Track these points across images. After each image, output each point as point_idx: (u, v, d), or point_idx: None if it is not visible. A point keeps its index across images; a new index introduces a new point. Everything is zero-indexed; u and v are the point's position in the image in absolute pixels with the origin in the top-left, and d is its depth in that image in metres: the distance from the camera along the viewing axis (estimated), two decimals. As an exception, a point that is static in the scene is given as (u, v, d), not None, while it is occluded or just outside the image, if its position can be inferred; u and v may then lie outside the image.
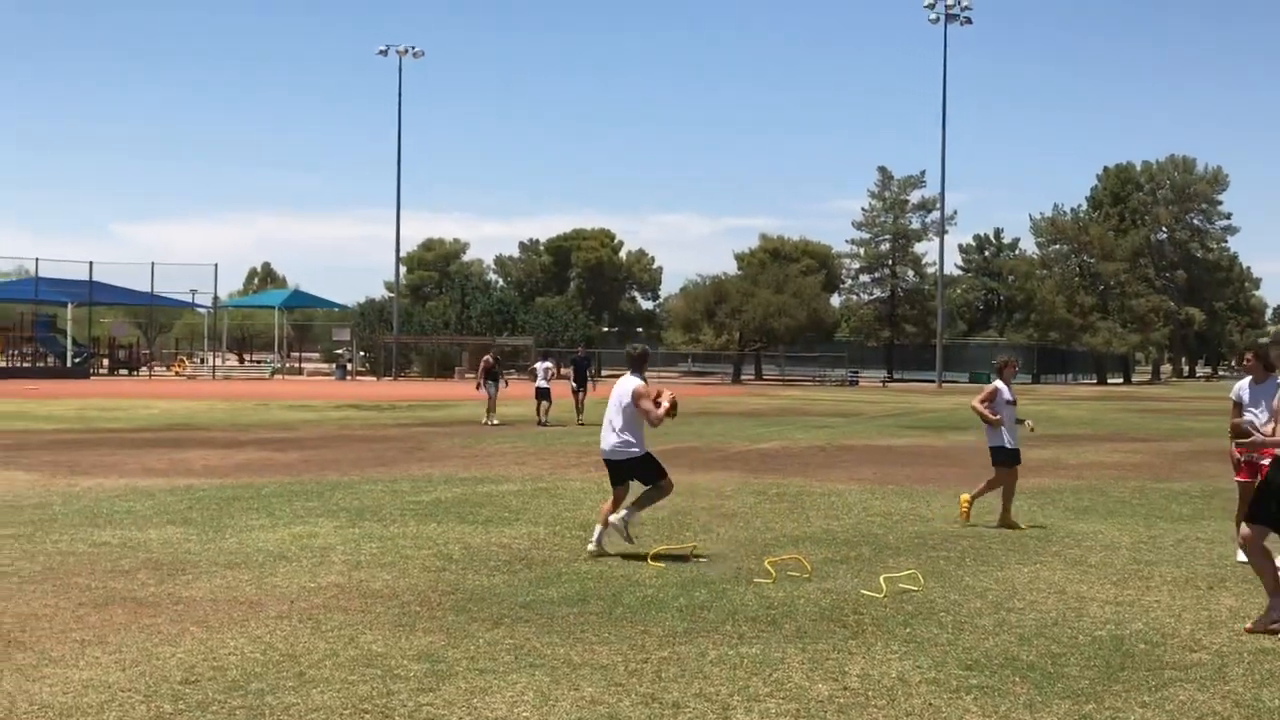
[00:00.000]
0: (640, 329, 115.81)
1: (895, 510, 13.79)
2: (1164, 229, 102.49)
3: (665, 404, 10.51)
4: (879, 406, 44.09)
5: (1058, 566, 10.25)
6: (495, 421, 28.74)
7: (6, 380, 55.14)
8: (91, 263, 68.58)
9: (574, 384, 30.91)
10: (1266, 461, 7.78)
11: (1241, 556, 9.69)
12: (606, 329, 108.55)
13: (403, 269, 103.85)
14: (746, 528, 12.22)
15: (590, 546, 10.46)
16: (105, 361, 73.20)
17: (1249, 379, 10.59)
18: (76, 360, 67.68)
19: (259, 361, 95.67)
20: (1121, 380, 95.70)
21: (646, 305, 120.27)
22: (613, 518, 10.49)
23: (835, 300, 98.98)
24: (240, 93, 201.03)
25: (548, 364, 30.84)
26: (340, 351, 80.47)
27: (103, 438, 23.40)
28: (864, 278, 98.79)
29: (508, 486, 15.37)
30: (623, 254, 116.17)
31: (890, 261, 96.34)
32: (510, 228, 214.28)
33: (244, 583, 9.06)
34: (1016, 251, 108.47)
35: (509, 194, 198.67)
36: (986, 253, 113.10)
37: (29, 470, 16.88)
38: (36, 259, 68.30)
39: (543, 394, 28.97)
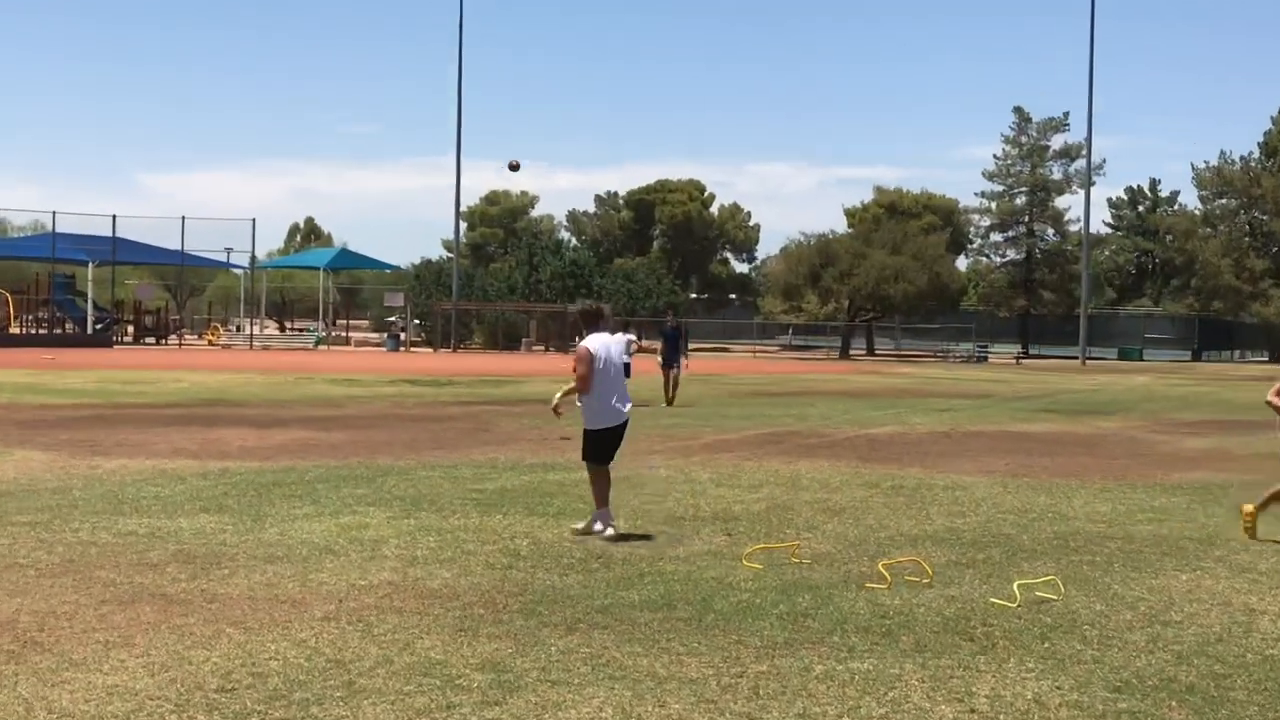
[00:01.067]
0: (733, 295, 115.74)
1: (1031, 507, 13.66)
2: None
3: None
4: (1011, 387, 43.65)
5: (1222, 574, 10.10)
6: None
7: (20, 349, 56.34)
8: (115, 216, 69.87)
9: (662, 359, 30.56)
10: None
11: None
12: (695, 295, 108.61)
13: (463, 226, 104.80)
14: (857, 525, 12.18)
15: (609, 532, 11.15)
16: (130, 328, 74.63)
17: None
18: (98, 326, 69.10)
19: (301, 330, 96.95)
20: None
21: (741, 268, 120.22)
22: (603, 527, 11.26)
23: (961, 263, 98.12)
24: (281, 28, 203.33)
25: (629, 336, 30.78)
26: (393, 319, 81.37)
27: (127, 414, 23.88)
28: (995, 237, 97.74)
29: (582, 474, 15.39)
30: (714, 209, 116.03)
31: (1027, 218, 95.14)
32: (585, 179, 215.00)
33: (286, 579, 9.21)
34: (1175, 207, 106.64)
35: (584, 141, 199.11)
36: (1140, 208, 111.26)
37: (46, 450, 17.28)
38: (54, 212, 69.69)
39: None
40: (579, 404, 11.68)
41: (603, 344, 11.54)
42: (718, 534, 11.50)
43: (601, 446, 11.54)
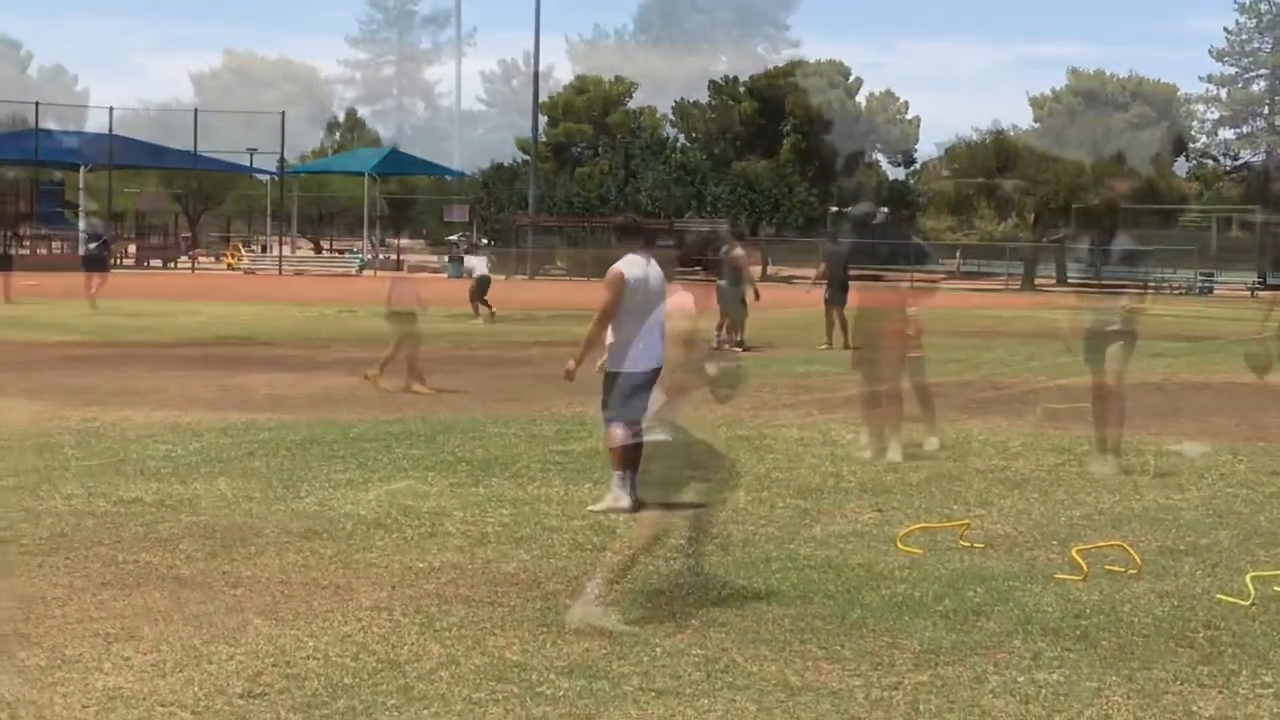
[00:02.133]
0: (884, 209, 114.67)
1: (1269, 479, 13.48)
2: None
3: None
4: (1245, 326, 42.87)
5: None
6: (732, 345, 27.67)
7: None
8: (111, 109, 70.83)
9: (828, 289, 28.99)
10: None
11: None
12: (836, 207, 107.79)
13: (544, 120, 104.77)
14: (1044, 500, 12.10)
15: (626, 501, 10.84)
16: (131, 249, 75.60)
17: None
18: (92, 246, 69.94)
19: (342, 251, 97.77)
20: None
21: (895, 174, 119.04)
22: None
23: (1181, 167, 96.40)
24: None
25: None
26: (455, 238, 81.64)
27: (130, 354, 24.25)
28: (1226, 133, 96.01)
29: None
30: (861, 98, 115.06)
31: (1267, 109, 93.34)
32: (695, 60, 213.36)
33: (327, 560, 9.33)
34: None
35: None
36: None
37: (32, 398, 17.58)
38: (36, 104, 70.69)
39: (739, 301, 28.73)
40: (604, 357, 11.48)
41: (641, 270, 11.44)
42: (865, 510, 11.48)
43: (645, 394, 11.32)
